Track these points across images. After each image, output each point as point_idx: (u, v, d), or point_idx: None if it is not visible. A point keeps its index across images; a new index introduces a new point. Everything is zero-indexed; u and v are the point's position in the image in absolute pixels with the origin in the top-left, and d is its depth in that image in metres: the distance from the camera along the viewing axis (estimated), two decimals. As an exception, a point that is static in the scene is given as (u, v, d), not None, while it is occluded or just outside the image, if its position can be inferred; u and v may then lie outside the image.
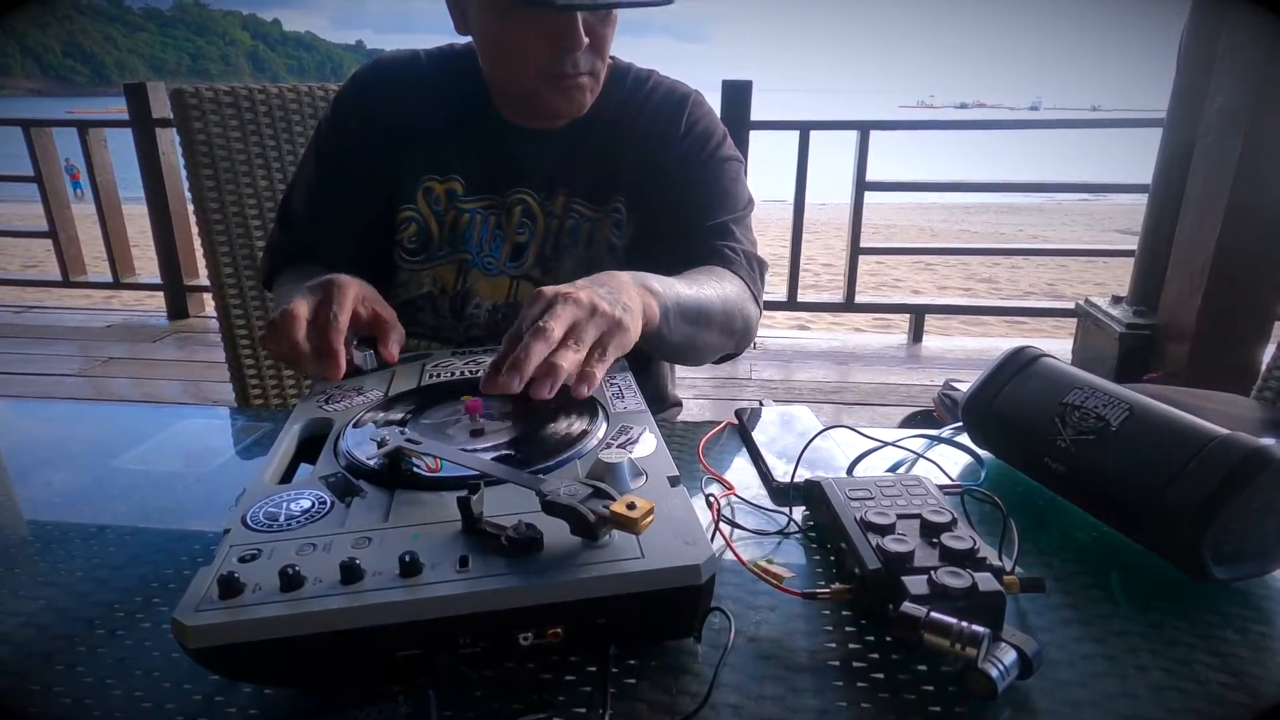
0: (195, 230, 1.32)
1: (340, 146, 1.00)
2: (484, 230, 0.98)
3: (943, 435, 0.78)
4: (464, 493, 0.46)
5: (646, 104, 1.00)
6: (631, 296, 0.69)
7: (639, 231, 0.99)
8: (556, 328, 0.60)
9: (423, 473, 0.54)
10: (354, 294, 0.73)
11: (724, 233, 0.97)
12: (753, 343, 1.00)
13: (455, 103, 0.98)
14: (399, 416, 0.64)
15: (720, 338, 0.89)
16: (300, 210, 1.02)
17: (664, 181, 0.98)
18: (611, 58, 1.03)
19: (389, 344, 0.75)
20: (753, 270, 0.98)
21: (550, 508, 0.45)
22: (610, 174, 0.98)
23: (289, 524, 0.48)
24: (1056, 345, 2.86)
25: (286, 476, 0.57)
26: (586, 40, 0.84)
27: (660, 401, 1.11)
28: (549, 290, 0.64)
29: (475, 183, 0.98)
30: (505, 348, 0.61)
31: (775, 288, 3.64)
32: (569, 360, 0.59)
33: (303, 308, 0.70)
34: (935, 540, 0.50)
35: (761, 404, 0.84)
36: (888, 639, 0.49)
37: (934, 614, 0.44)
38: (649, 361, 1.10)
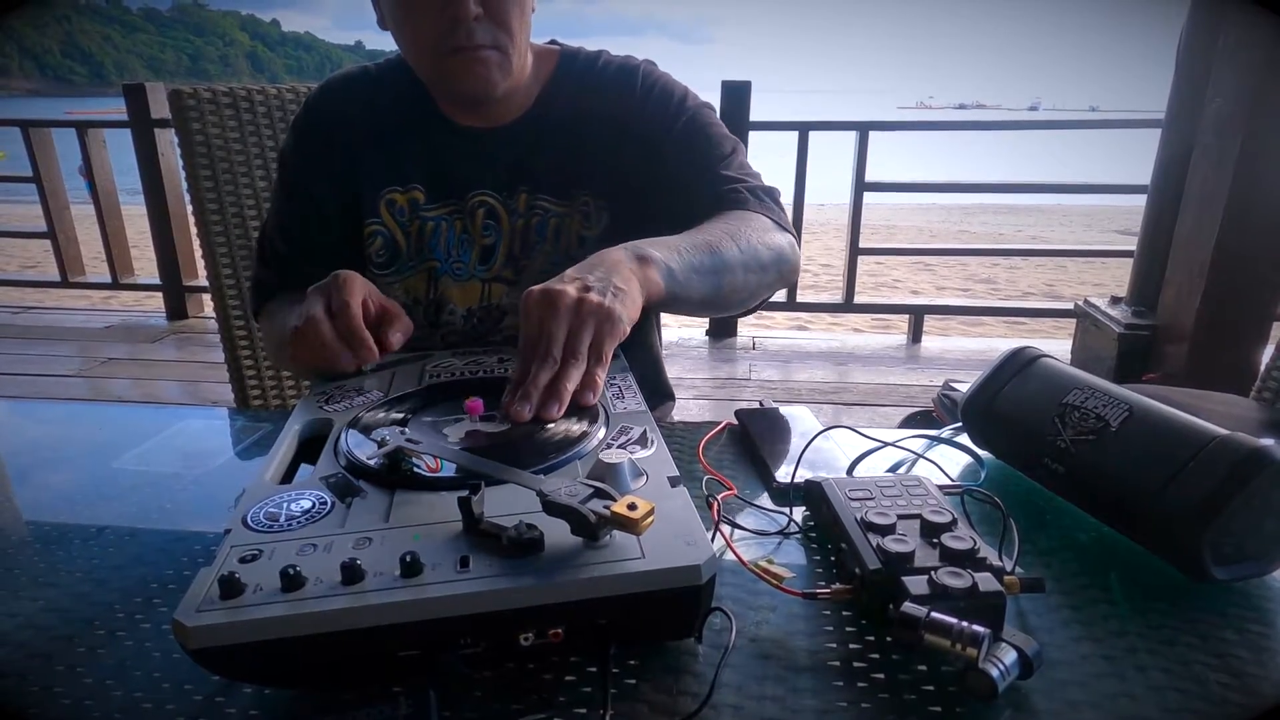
0: (194, 231, 1.32)
1: (304, 172, 1.00)
2: (450, 236, 0.98)
3: (942, 436, 0.78)
4: (464, 493, 0.46)
5: (599, 85, 0.98)
6: (624, 276, 0.68)
7: (619, 218, 0.97)
8: (555, 348, 0.62)
9: (423, 473, 0.54)
10: (359, 283, 0.75)
11: (721, 180, 0.94)
12: (751, 343, 0.99)
13: (407, 111, 0.97)
14: (399, 416, 0.64)
15: (751, 275, 0.85)
16: (276, 240, 1.02)
17: (636, 157, 0.95)
18: (559, 44, 1.02)
19: (390, 334, 0.74)
20: (763, 201, 0.93)
21: (551, 508, 0.45)
22: (573, 166, 0.96)
23: (289, 524, 0.48)
24: (1055, 346, 2.86)
25: (287, 477, 0.57)
26: (479, 10, 0.83)
27: (655, 394, 1.11)
28: (535, 293, 0.64)
29: (435, 190, 0.97)
30: (518, 369, 0.63)
31: (774, 288, 3.62)
32: (572, 378, 0.62)
33: (318, 308, 0.72)
34: (935, 540, 0.50)
35: (762, 404, 0.84)
36: (888, 639, 0.49)
37: (934, 614, 0.44)
38: (643, 352, 1.10)
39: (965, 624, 0.43)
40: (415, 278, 0.99)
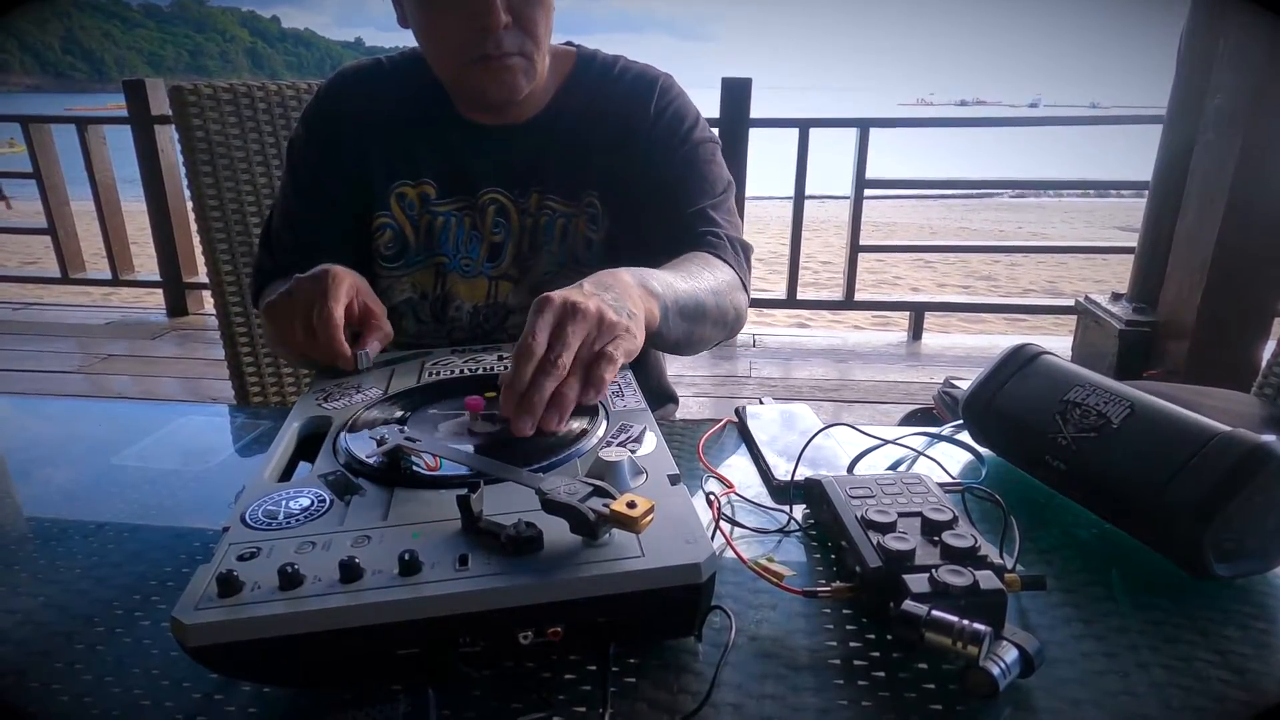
0: (194, 227, 1.32)
1: (313, 162, 0.99)
2: (459, 232, 0.98)
3: (943, 433, 0.78)
4: (463, 491, 0.46)
5: (614, 91, 0.98)
6: (635, 301, 0.68)
7: (616, 224, 0.98)
8: (564, 356, 0.58)
9: (422, 471, 0.53)
10: (348, 285, 0.75)
11: (705, 219, 0.95)
12: (751, 340, 0.99)
13: (421, 105, 0.97)
14: (398, 414, 0.64)
15: (714, 330, 0.88)
16: (282, 230, 1.01)
17: (637, 171, 0.96)
18: (576, 46, 1.02)
19: (370, 344, 0.76)
20: (738, 255, 0.96)
21: (550, 506, 0.45)
22: (581, 167, 0.97)
23: (288, 522, 0.48)
24: (1056, 342, 2.86)
25: (286, 474, 0.57)
26: (508, 19, 0.83)
27: (658, 396, 1.11)
28: (556, 298, 0.60)
29: (446, 185, 0.97)
30: (514, 367, 0.58)
31: (774, 285, 3.62)
32: (575, 387, 0.59)
33: (297, 305, 0.73)
34: (936, 538, 0.50)
35: (762, 401, 0.84)
36: (889, 637, 0.49)
37: (935, 612, 0.44)
38: (644, 356, 1.10)
39: (966, 622, 0.43)
40: (423, 272, 0.99)
